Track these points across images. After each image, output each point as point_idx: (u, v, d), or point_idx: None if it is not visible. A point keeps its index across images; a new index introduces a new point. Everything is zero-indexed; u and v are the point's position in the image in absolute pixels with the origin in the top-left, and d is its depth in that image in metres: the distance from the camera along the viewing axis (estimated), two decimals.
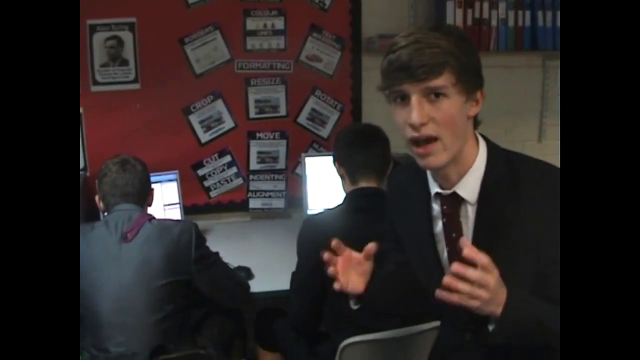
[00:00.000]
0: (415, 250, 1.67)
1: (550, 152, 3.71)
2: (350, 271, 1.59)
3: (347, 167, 2.40)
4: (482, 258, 1.29)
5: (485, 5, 3.37)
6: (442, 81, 1.37)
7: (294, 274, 2.41)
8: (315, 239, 2.26)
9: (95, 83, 3.25)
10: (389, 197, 1.82)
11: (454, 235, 1.54)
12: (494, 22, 3.40)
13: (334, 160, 2.45)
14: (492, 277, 1.30)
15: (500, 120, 3.65)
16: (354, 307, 1.68)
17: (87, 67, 3.22)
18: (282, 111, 3.50)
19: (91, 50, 3.21)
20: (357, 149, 2.37)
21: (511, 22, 3.43)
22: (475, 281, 1.29)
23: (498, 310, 1.35)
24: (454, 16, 3.33)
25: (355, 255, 1.58)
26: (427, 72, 1.36)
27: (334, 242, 1.57)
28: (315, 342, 2.49)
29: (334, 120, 3.55)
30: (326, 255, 1.55)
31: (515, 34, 3.44)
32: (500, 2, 3.39)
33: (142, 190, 2.41)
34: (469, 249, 1.30)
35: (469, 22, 3.36)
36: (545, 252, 1.42)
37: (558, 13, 3.43)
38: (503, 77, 3.64)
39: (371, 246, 1.57)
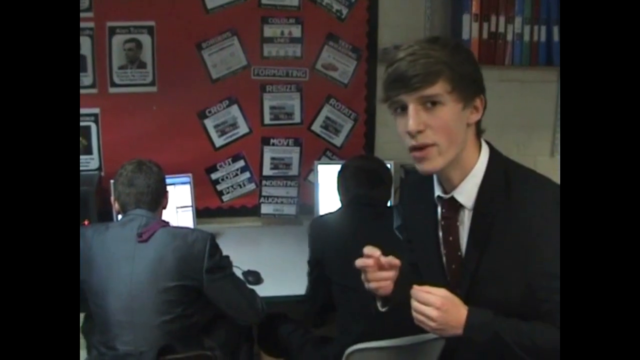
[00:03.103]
0: (423, 252, 1.71)
1: None
2: (380, 274, 1.62)
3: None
4: (418, 294, 1.48)
5: (502, 19, 3.37)
6: (436, 89, 1.42)
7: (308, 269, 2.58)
8: (318, 238, 2.47)
9: (113, 85, 3.28)
10: (403, 201, 1.87)
11: (450, 238, 1.58)
12: (509, 37, 3.40)
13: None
14: (436, 298, 1.46)
15: (513, 135, 3.65)
16: (382, 309, 1.72)
17: (105, 68, 3.26)
18: (297, 118, 3.52)
19: (110, 52, 3.25)
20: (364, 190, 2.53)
21: (527, 37, 3.42)
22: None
23: (458, 331, 1.47)
24: (470, 29, 3.33)
25: (383, 259, 1.61)
26: (421, 81, 1.41)
27: (367, 250, 1.61)
28: (319, 347, 2.52)
29: (347, 129, 3.56)
30: (359, 262, 1.62)
31: (531, 48, 3.43)
32: (517, 17, 3.39)
33: (157, 191, 2.41)
34: (413, 289, 1.50)
35: (485, 35, 3.36)
36: (532, 265, 1.44)
37: None
38: (517, 91, 3.64)
39: (393, 260, 1.61)
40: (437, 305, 1.45)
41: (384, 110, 3.52)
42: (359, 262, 1.61)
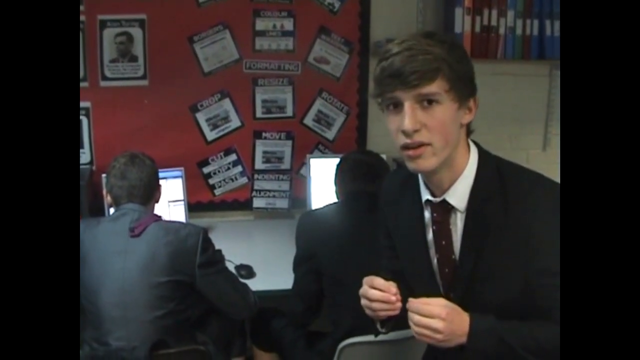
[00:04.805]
0: (408, 256, 1.67)
1: (554, 160, 3.71)
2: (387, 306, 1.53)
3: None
4: (419, 307, 1.41)
5: (494, 13, 3.37)
6: (434, 87, 1.38)
7: (293, 266, 2.52)
8: (310, 233, 2.43)
9: (104, 78, 3.26)
10: (383, 202, 1.81)
11: (443, 242, 1.55)
12: (502, 30, 3.39)
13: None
14: (440, 308, 1.40)
15: (505, 128, 3.66)
16: (382, 330, 1.67)
17: (96, 62, 3.24)
18: (289, 112, 3.51)
19: (101, 45, 3.23)
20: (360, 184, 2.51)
21: (519, 31, 3.42)
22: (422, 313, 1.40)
23: (462, 340, 1.41)
24: (462, 23, 3.33)
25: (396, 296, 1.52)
26: (419, 78, 1.36)
27: (383, 283, 1.52)
28: (312, 342, 2.51)
29: (340, 122, 3.56)
30: (375, 295, 1.51)
31: (523, 42, 3.43)
32: (509, 11, 3.39)
33: (149, 185, 2.40)
34: (410, 302, 1.42)
35: (477, 29, 3.36)
36: (533, 262, 1.42)
37: None
38: (509, 85, 3.65)
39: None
40: (442, 316, 1.39)
41: (375, 104, 3.52)
42: (376, 296, 1.51)
